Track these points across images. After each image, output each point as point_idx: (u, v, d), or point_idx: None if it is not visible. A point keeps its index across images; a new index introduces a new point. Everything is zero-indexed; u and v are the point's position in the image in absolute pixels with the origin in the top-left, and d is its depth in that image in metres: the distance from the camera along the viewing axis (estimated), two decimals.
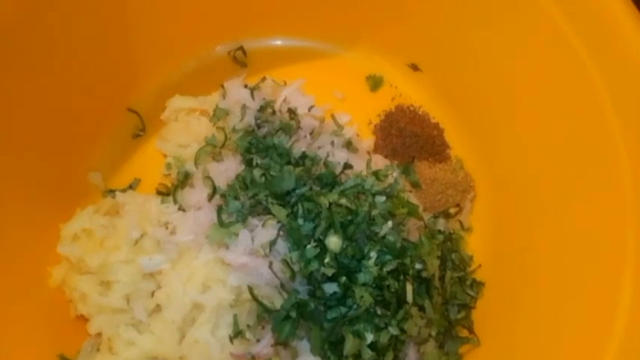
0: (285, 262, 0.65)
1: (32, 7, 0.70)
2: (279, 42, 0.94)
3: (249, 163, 0.74)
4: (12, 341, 0.66)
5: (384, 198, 0.71)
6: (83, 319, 0.71)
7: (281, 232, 0.67)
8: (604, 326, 0.58)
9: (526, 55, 0.74)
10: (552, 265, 0.69)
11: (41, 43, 0.73)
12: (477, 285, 0.76)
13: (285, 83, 0.87)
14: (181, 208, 0.74)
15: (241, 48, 0.92)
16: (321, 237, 0.66)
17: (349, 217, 0.67)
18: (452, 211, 0.82)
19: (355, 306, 0.64)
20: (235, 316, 0.66)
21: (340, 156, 0.78)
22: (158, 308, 0.69)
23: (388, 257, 0.66)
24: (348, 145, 0.82)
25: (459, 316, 0.73)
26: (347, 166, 0.75)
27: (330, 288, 0.65)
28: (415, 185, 0.82)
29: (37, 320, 0.70)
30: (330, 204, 0.68)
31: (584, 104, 0.66)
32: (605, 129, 0.64)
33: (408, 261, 0.67)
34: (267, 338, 0.65)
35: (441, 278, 0.72)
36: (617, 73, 0.63)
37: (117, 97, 0.86)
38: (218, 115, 0.81)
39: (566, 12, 0.68)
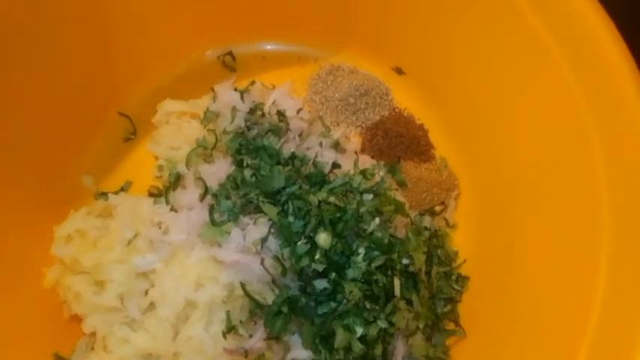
0: (276, 258, 0.66)
1: (23, 11, 0.71)
2: (267, 47, 0.96)
3: (239, 164, 0.76)
4: (7, 341, 0.67)
5: (371, 196, 0.73)
6: (77, 319, 0.72)
7: (272, 230, 0.68)
8: (581, 316, 0.61)
9: (507, 57, 0.77)
10: (533, 258, 0.71)
11: (32, 48, 0.74)
12: (462, 279, 0.79)
13: (274, 87, 0.89)
14: (173, 209, 0.75)
15: (230, 53, 0.93)
16: (311, 234, 0.67)
17: (338, 215, 0.69)
18: (437, 208, 0.84)
19: (345, 301, 0.66)
20: (228, 312, 0.67)
21: (328, 156, 0.79)
22: (152, 306, 0.70)
23: (376, 253, 0.68)
24: (336, 145, 0.84)
25: (446, 310, 0.75)
26: (335, 165, 0.77)
27: (321, 283, 0.66)
28: (401, 184, 0.84)
29: (32, 320, 0.70)
30: (319, 202, 0.70)
31: (562, 105, 0.69)
32: (581, 127, 0.67)
33: (395, 256, 0.69)
34: (260, 333, 0.66)
35: (428, 273, 0.74)
36: (592, 76, 0.66)
37: (108, 101, 0.88)
38: (209, 117, 0.83)
39: (546, 21, 0.70)
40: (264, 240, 0.68)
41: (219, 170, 0.76)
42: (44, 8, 0.74)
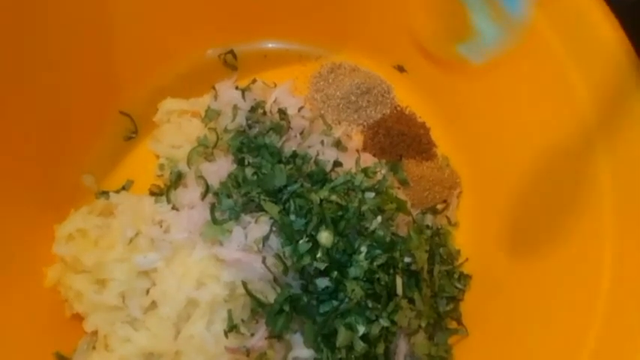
0: (278, 257, 0.66)
1: (24, 11, 0.71)
2: (268, 45, 0.96)
3: (240, 162, 0.76)
4: (8, 340, 0.66)
5: (373, 194, 0.73)
6: (79, 318, 0.71)
7: (273, 228, 0.68)
8: (585, 314, 0.61)
9: (509, 55, 0.76)
10: (535, 256, 0.71)
11: (32, 48, 0.74)
12: (465, 278, 0.78)
13: (275, 85, 0.89)
14: (175, 208, 0.75)
15: (232, 51, 0.93)
16: (312, 232, 0.67)
17: (340, 213, 0.69)
18: (439, 207, 0.84)
19: (347, 299, 0.66)
20: (230, 311, 0.67)
21: (330, 154, 0.79)
22: (153, 305, 0.69)
23: (378, 251, 0.68)
24: (338, 144, 0.84)
25: (448, 308, 0.75)
26: (337, 163, 0.77)
27: (322, 282, 0.66)
28: (403, 182, 0.84)
29: (33, 320, 0.70)
30: (321, 200, 0.69)
31: (565, 105, 0.69)
32: (583, 125, 0.66)
33: (397, 255, 0.69)
34: (262, 332, 0.66)
35: (430, 272, 0.74)
36: (595, 75, 0.66)
37: (109, 100, 0.87)
38: (210, 116, 0.83)
39: (550, 19, 0.70)
40: (265, 238, 0.68)
41: (220, 169, 0.76)
42: (44, 8, 0.73)
